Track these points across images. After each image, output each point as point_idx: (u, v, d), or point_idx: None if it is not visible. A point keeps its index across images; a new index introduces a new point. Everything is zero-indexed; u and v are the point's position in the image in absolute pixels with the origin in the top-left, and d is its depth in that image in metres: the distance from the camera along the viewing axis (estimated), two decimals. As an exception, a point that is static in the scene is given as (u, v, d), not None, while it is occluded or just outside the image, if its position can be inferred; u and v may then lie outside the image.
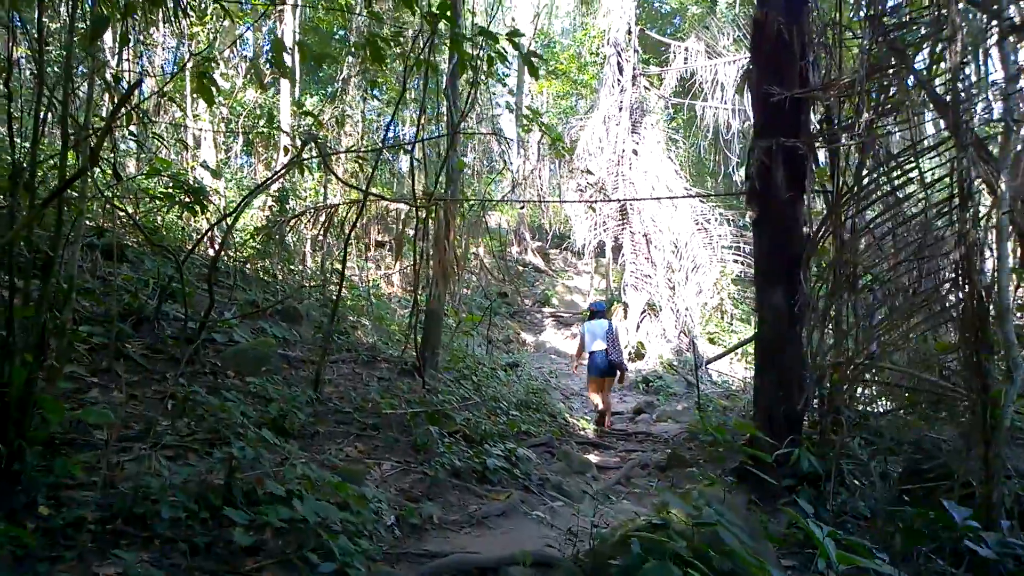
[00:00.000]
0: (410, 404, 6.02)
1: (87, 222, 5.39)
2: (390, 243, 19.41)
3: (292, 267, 9.54)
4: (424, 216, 6.18)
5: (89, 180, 4.18)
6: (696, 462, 6.07)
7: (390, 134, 13.17)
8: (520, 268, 22.02)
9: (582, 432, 8.50)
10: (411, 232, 7.10)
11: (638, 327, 14.10)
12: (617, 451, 7.52)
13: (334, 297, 6.11)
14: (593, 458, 7.00)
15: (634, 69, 14.24)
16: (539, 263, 22.77)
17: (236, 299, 6.94)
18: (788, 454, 5.00)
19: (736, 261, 15.21)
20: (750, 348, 14.36)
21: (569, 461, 6.43)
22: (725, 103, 14.49)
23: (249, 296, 7.15)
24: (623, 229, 14.24)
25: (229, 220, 5.84)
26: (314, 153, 5.94)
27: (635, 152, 13.88)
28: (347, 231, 6.02)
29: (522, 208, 23.13)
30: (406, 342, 9.44)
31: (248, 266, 8.58)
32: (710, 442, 6.32)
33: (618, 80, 14.04)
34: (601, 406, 8.80)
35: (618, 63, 14.23)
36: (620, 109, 14.04)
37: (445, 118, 7.70)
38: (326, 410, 5.43)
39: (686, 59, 14.07)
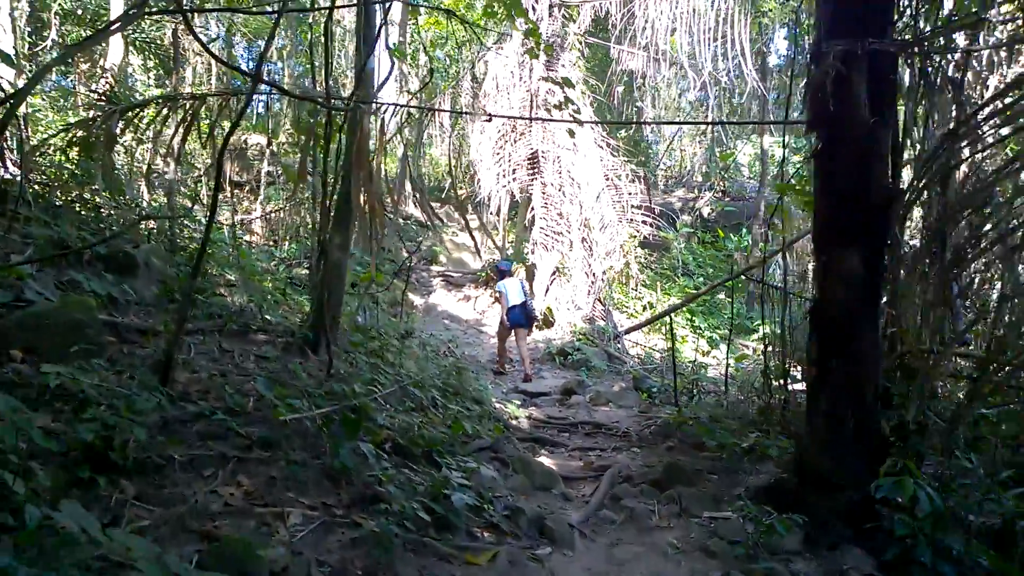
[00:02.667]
0: (313, 400, 4.14)
1: None
2: (250, 182, 16.74)
3: (125, 197, 7.10)
4: (332, 124, 4.24)
5: None
6: (700, 474, 4.66)
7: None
8: (401, 221, 19.95)
9: (515, 421, 6.93)
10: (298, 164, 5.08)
11: (547, 291, 12.67)
12: (569, 449, 6.01)
13: (200, 235, 4.04)
14: (548, 462, 5.44)
15: (551, -2, 12.57)
16: (420, 217, 20.79)
17: (32, 237, 4.65)
18: (859, 475, 3.70)
19: (644, 222, 14.15)
20: (675, 317, 13.42)
21: (529, 472, 4.84)
22: (641, 47, 13.20)
23: (55, 233, 4.85)
24: (533, 180, 12.65)
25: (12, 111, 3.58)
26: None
27: (549, 90, 12.26)
28: (222, 138, 3.95)
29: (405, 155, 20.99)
30: (286, 303, 7.40)
31: (59, 193, 6.14)
32: (715, 448, 4.93)
33: (533, 7, 12.28)
34: (524, 363, 9.75)
35: (534, -12, 12.48)
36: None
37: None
38: (182, 417, 3.45)
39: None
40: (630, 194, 13.63)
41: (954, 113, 3.73)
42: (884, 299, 3.80)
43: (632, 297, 14.61)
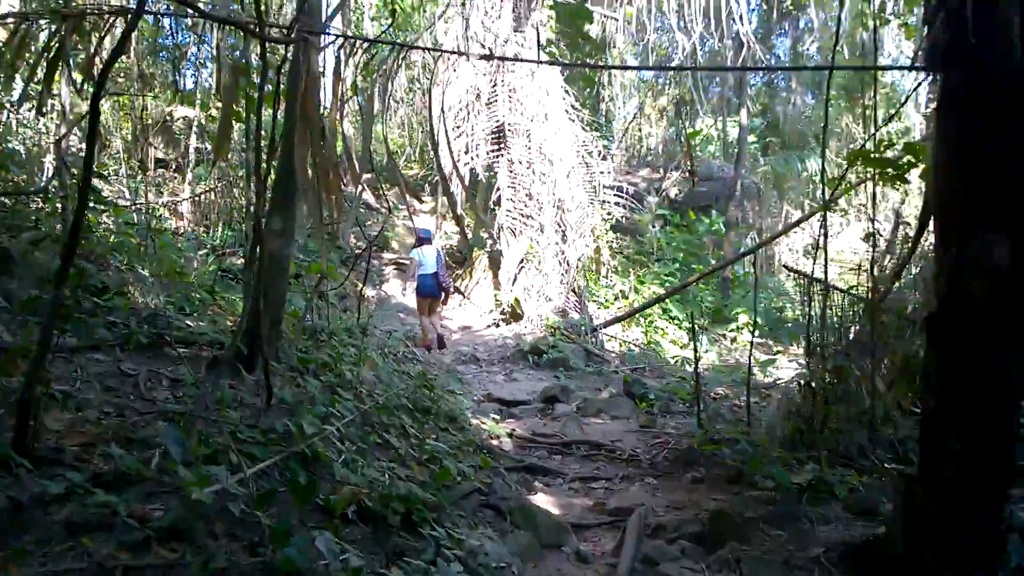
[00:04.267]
0: (246, 448, 3.03)
1: None
2: (176, 161, 15.16)
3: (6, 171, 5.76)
4: (267, 63, 3.09)
5: None
6: (753, 525, 3.71)
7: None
8: (346, 203, 18.62)
9: (496, 442, 5.90)
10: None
11: (514, 281, 11.64)
12: (568, 479, 5.01)
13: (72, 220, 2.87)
14: (548, 502, 4.43)
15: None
16: (369, 199, 19.47)
17: None
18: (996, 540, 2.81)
19: (617, 203, 13.23)
20: (654, 309, 12.53)
21: (531, 524, 3.83)
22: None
23: None
24: (499, 156, 11.55)
25: None
26: None
27: (517, 55, 11.15)
28: (100, 73, 2.76)
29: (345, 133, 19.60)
30: (216, 305, 6.20)
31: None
32: (773, 490, 3.98)
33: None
34: (434, 331, 10.04)
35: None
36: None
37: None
38: (44, 496, 2.31)
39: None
40: (601, 172, 12.68)
41: None
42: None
43: (603, 286, 13.71)
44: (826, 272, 5.11)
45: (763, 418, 5.64)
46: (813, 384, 4.88)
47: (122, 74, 12.23)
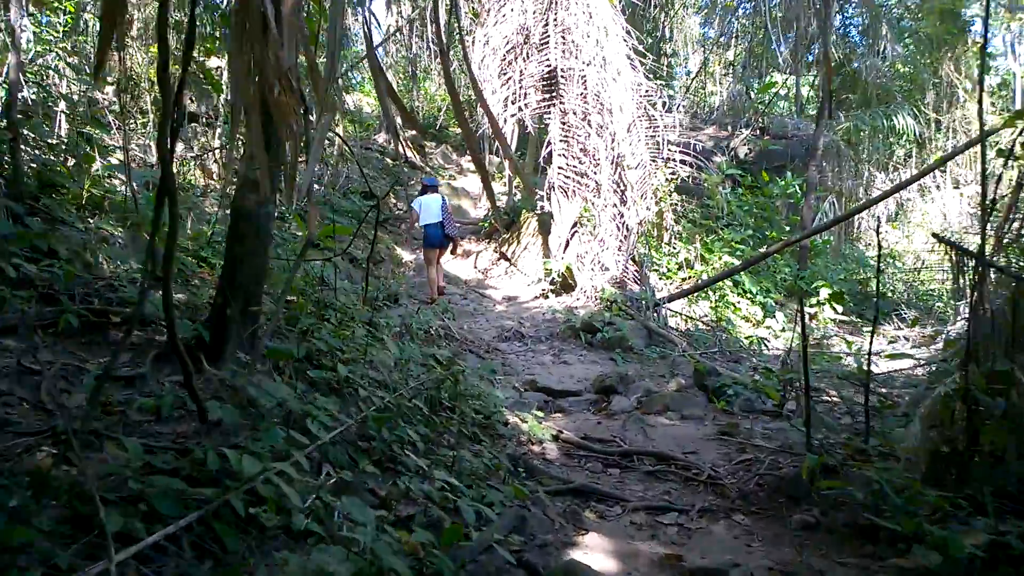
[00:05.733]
0: (152, 495, 1.98)
1: None
2: (207, 116, 14.32)
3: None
4: None
5: None
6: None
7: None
8: (389, 163, 17.60)
9: (538, 448, 4.80)
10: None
11: (566, 247, 10.43)
12: (629, 509, 3.85)
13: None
14: (602, 547, 3.30)
15: None
16: (413, 158, 18.41)
17: None
18: None
19: (684, 162, 11.82)
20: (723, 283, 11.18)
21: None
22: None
23: None
24: (551, 106, 10.27)
25: None
26: None
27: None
28: None
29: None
30: (207, 271, 5.23)
31: None
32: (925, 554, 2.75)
33: None
34: (438, 283, 9.98)
35: None
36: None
37: None
38: None
39: None
40: (666, 127, 11.27)
41: None
42: None
43: (666, 254, 12.36)
44: (982, 245, 3.77)
45: (883, 428, 4.39)
46: (966, 394, 3.60)
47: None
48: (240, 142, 3.58)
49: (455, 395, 4.52)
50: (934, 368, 7.87)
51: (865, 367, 4.31)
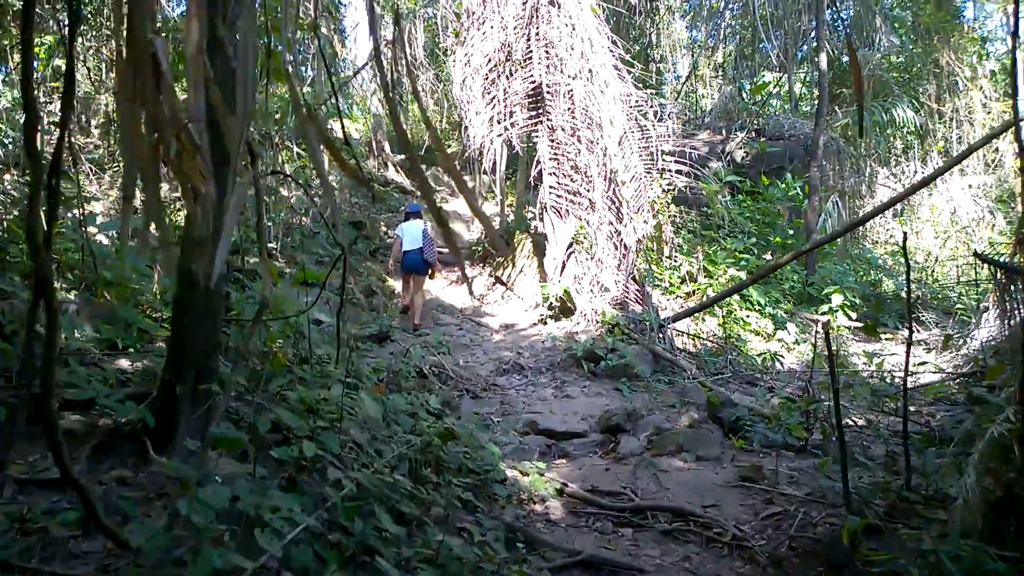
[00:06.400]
0: None
1: None
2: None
3: None
4: None
5: None
6: None
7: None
8: (379, 188, 17.24)
9: (539, 508, 4.35)
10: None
11: (562, 270, 10.02)
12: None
13: None
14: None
15: None
16: (404, 182, 18.06)
17: None
18: None
19: (679, 172, 11.43)
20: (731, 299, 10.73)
21: None
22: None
23: None
24: (539, 123, 9.88)
25: None
26: None
27: (554, 2, 9.42)
28: None
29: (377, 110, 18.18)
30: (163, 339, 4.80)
31: None
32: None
33: None
34: (412, 304, 9.88)
35: None
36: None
37: None
38: None
39: None
40: (659, 137, 10.87)
41: None
42: None
43: (667, 268, 11.94)
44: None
45: (924, 466, 3.94)
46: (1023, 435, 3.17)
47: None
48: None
49: (443, 460, 4.09)
50: (961, 378, 7.42)
51: (901, 398, 3.87)
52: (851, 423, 5.69)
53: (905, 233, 4.16)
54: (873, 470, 4.14)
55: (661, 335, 8.88)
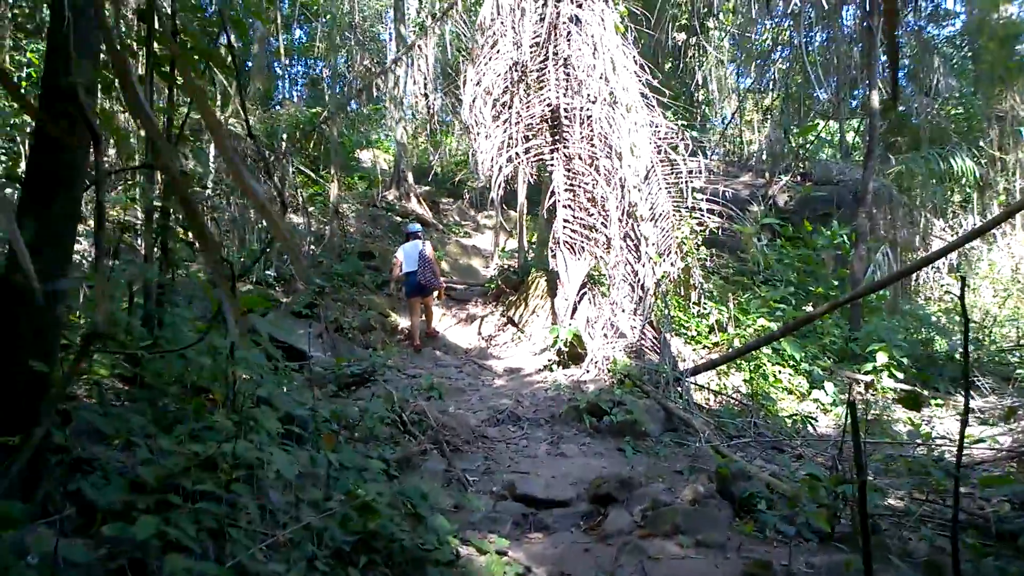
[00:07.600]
0: None
1: None
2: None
3: None
4: None
5: None
6: None
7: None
8: (398, 220, 16.75)
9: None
10: None
11: (574, 312, 9.23)
12: None
13: None
14: None
15: None
16: (425, 214, 17.56)
17: None
18: None
19: (712, 212, 10.61)
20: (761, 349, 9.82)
21: None
22: None
23: None
24: (554, 151, 9.22)
25: None
26: None
27: (576, 19, 8.82)
28: None
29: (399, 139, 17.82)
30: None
31: None
32: None
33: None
34: (428, 329, 10.53)
35: None
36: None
37: None
38: None
39: None
40: (690, 173, 10.09)
41: None
42: None
43: (694, 315, 11.06)
44: None
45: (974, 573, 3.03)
46: None
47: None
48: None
49: (369, 538, 3.31)
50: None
51: (953, 491, 2.99)
52: (890, 508, 4.77)
53: (963, 277, 3.31)
54: (912, 578, 3.23)
55: (678, 389, 7.99)
